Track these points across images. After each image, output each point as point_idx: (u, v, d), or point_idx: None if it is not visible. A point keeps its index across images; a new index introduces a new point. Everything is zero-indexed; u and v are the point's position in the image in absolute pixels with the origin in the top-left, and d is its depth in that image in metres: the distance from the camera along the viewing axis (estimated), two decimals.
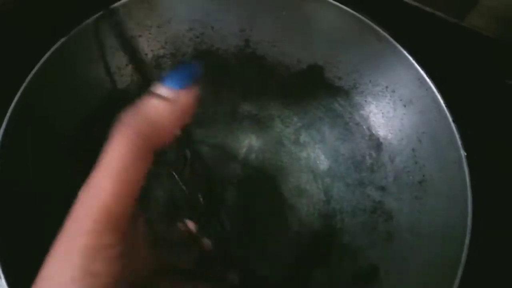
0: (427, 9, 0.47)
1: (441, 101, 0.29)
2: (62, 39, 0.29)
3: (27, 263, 0.22)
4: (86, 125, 0.32)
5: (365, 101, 0.34)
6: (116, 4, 0.31)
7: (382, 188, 0.33)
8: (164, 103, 0.17)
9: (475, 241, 0.26)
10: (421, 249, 0.28)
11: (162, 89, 0.18)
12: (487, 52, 0.45)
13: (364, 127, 0.34)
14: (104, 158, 0.17)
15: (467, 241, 0.25)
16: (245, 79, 0.37)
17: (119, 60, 0.33)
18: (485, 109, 0.42)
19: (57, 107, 0.30)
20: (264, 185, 0.36)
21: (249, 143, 0.37)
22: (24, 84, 0.27)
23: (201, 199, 0.30)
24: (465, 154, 0.28)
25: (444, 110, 0.29)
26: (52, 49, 0.29)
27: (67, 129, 0.31)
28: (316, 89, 0.36)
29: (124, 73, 0.34)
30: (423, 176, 0.30)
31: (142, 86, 0.35)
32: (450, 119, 0.29)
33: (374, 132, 0.34)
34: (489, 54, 0.45)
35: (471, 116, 0.38)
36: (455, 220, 0.27)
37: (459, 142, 0.28)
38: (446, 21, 0.47)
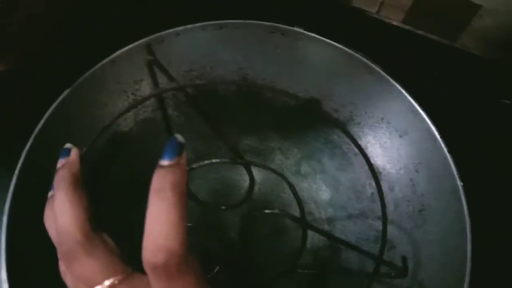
0: (420, 32, 0.48)
1: (436, 133, 0.30)
2: (68, 90, 0.30)
3: None
4: (91, 171, 0.33)
5: (362, 132, 0.35)
6: (118, 53, 0.32)
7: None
8: None
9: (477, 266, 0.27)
10: (424, 278, 0.29)
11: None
12: (480, 72, 0.46)
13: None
14: None
15: (468, 270, 0.26)
16: (244, 114, 0.38)
17: (122, 104, 0.34)
18: (481, 129, 0.42)
19: None
20: (267, 217, 0.37)
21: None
22: (31, 139, 0.29)
23: None
24: (462, 184, 0.28)
25: (438, 141, 0.30)
26: (59, 99, 0.30)
27: None
28: (314, 121, 0.37)
29: (127, 116, 0.35)
30: (422, 205, 0.31)
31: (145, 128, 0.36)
32: (445, 150, 0.29)
33: (372, 162, 0.35)
34: (483, 74, 0.46)
35: (467, 137, 0.39)
36: (455, 250, 0.27)
37: (455, 173, 0.29)
38: (438, 43, 0.48)
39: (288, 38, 0.34)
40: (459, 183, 0.28)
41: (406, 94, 0.31)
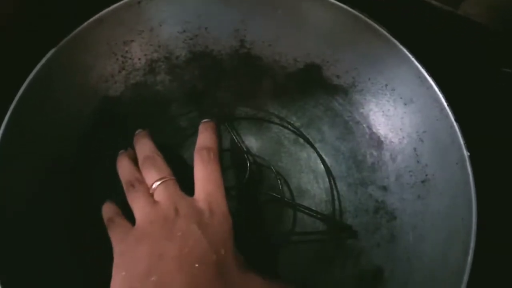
0: None
1: (443, 101, 0.29)
2: (52, 50, 0.28)
3: None
4: (83, 139, 0.31)
5: (365, 99, 0.33)
6: (105, 11, 0.30)
7: (384, 188, 0.33)
8: None
9: (481, 241, 0.26)
10: (426, 251, 0.28)
11: None
12: (482, 40, 0.45)
13: (364, 125, 0.34)
14: None
15: (472, 244, 0.25)
16: (241, 79, 0.36)
17: (111, 67, 0.32)
18: (483, 98, 0.41)
19: (51, 122, 0.29)
20: (265, 187, 0.36)
21: (247, 145, 0.37)
22: (14, 103, 0.27)
23: None
24: (468, 154, 0.27)
25: (446, 110, 0.28)
26: (42, 61, 0.28)
27: (62, 147, 0.30)
28: (314, 88, 0.35)
29: (117, 79, 0.33)
30: (426, 175, 0.30)
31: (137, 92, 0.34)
32: (453, 119, 0.28)
33: (374, 130, 0.33)
34: (485, 42, 0.45)
35: (470, 108, 0.37)
36: (459, 222, 0.27)
37: (462, 142, 0.27)
38: (440, 9, 0.46)
39: None
40: (466, 153, 0.27)
41: (414, 59, 0.30)
